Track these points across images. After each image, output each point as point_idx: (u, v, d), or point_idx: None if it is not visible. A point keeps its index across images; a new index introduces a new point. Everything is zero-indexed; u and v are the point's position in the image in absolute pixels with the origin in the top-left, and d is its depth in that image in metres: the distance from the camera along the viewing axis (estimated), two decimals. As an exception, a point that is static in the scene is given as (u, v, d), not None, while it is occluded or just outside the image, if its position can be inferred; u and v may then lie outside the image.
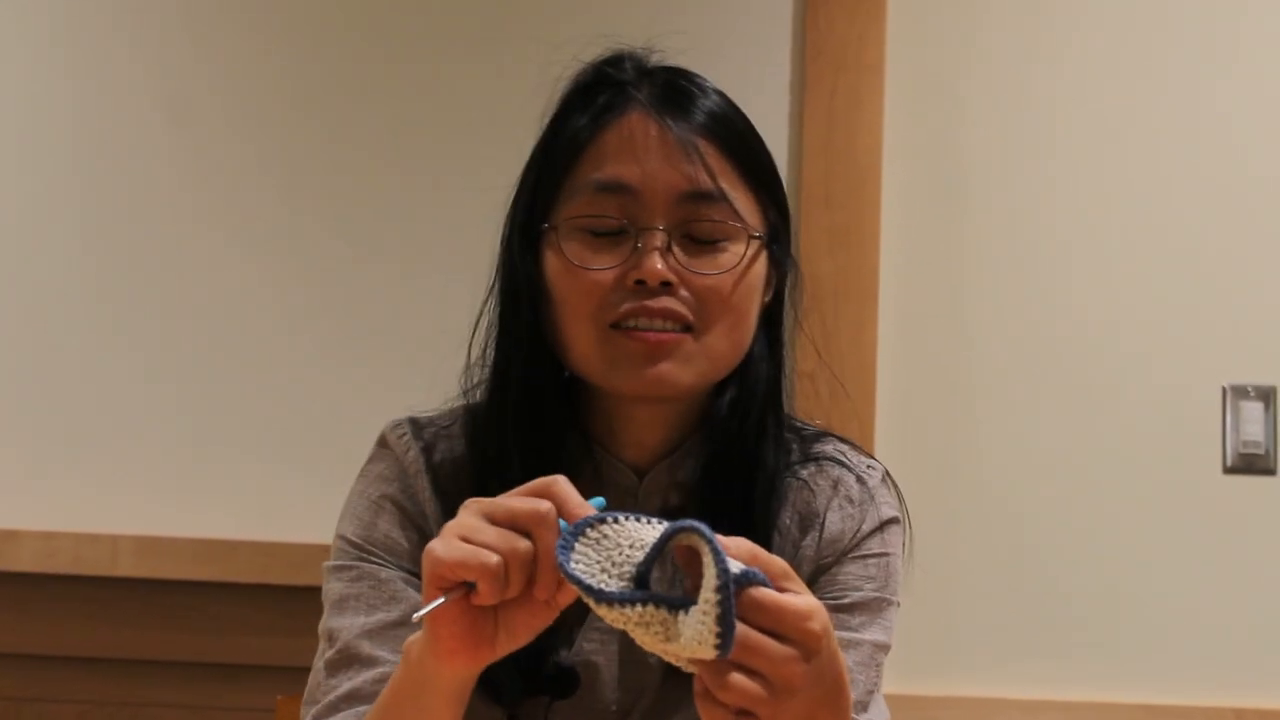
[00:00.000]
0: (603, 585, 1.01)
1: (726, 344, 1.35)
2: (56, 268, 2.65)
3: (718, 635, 0.96)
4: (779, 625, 1.00)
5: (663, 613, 1.00)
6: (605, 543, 1.03)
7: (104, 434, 2.60)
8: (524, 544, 1.05)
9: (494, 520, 1.07)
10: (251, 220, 2.65)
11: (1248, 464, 2.58)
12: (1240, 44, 2.68)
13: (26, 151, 2.68)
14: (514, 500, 1.07)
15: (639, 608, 1.00)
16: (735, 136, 1.38)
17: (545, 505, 1.06)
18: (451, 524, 1.08)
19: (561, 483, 1.07)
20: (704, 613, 0.97)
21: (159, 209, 2.65)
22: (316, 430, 2.57)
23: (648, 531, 1.04)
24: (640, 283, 1.31)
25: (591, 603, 1.01)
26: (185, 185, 2.66)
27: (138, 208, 2.66)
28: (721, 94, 1.41)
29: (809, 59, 2.63)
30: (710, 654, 0.97)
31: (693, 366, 1.33)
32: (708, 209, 1.33)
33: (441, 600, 1.05)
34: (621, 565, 1.02)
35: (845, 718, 1.09)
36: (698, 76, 1.41)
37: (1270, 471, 2.58)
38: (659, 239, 1.32)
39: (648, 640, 1.00)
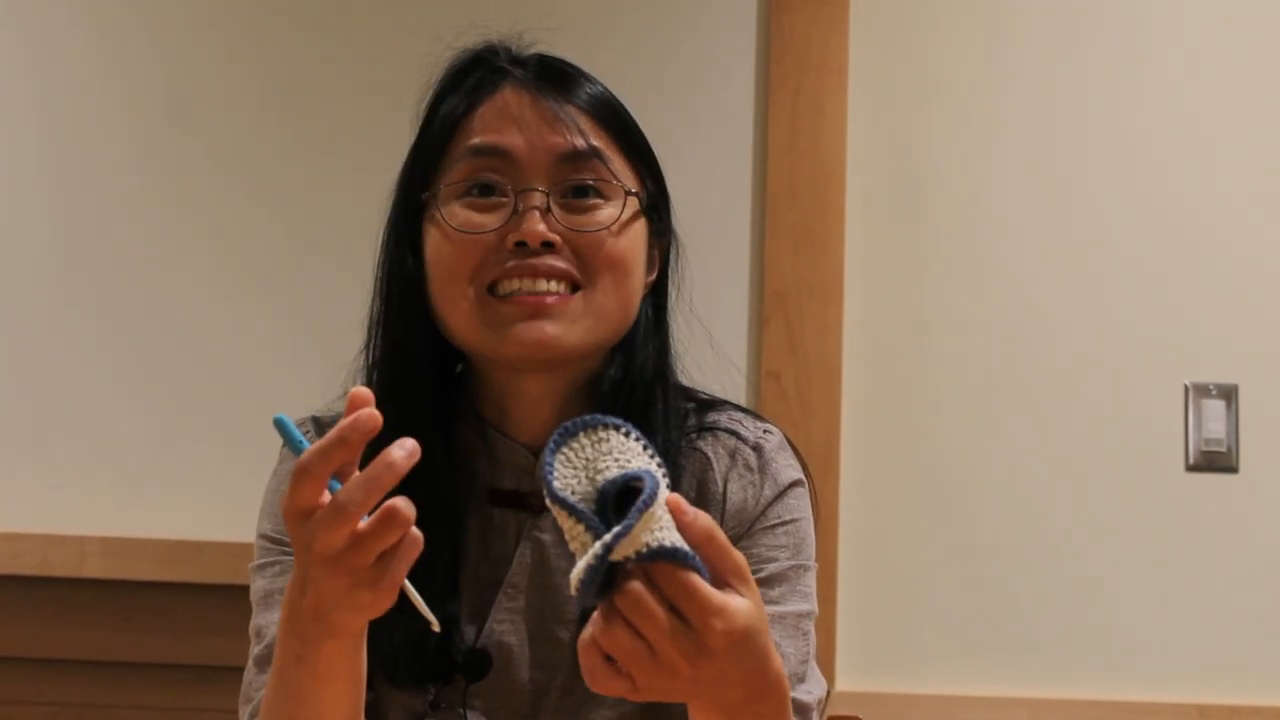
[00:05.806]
0: (570, 489, 1.03)
1: (614, 301, 1.35)
2: (20, 269, 2.65)
3: (580, 581, 0.99)
4: (685, 605, 1.00)
5: (584, 534, 1.01)
6: (599, 448, 1.04)
7: (71, 435, 2.60)
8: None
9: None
10: (220, 222, 2.65)
11: (1209, 462, 2.59)
12: (1203, 40, 2.69)
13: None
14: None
15: (571, 519, 1.02)
16: (608, 109, 1.40)
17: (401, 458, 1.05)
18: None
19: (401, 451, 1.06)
20: (593, 554, 0.99)
21: (126, 211, 2.65)
22: (284, 431, 2.57)
23: (634, 453, 1.04)
24: (521, 245, 1.32)
25: (547, 500, 1.03)
26: (153, 187, 2.66)
27: (104, 209, 2.65)
28: (595, 79, 1.43)
29: (773, 60, 2.65)
30: (573, 590, 1.00)
31: (579, 326, 1.34)
32: (584, 168, 1.35)
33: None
34: (596, 476, 1.03)
35: None
36: (572, 64, 1.44)
37: (1232, 469, 2.59)
38: (538, 199, 1.33)
39: (576, 551, 1.02)
